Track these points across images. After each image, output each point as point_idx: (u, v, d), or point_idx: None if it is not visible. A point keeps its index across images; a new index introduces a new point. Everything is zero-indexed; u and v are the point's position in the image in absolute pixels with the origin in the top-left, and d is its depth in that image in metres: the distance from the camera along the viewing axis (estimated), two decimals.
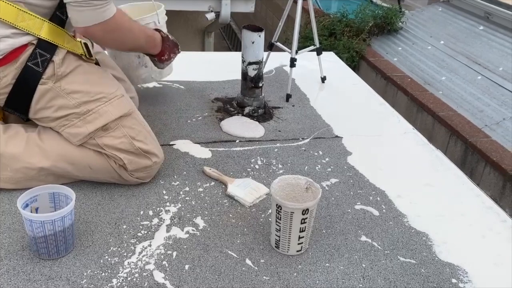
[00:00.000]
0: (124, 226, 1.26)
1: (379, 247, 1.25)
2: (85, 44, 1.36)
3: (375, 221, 1.34)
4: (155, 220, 1.29)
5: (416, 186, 1.52)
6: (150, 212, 1.31)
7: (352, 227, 1.31)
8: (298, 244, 1.18)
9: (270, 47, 2.21)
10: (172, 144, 1.65)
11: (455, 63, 4.15)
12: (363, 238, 1.27)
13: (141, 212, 1.31)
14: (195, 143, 1.67)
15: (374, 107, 2.07)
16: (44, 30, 1.25)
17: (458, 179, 1.58)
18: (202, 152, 1.61)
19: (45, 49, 1.25)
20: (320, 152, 1.67)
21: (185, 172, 1.50)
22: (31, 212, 1.14)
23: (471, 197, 1.48)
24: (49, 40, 1.25)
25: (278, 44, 2.20)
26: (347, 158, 1.64)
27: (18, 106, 1.29)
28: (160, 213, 1.31)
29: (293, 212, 1.13)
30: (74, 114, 1.28)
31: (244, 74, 1.82)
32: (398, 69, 4.22)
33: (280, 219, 1.16)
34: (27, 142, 1.31)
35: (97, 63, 1.41)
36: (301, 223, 1.15)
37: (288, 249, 1.19)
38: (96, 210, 1.31)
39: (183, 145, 1.65)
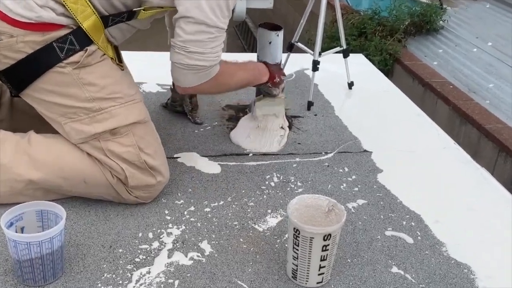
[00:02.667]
0: (120, 250, 1.26)
1: (413, 280, 1.24)
2: (116, 48, 1.41)
3: (408, 249, 1.33)
4: (155, 244, 1.29)
5: (457, 210, 1.51)
6: (150, 235, 1.32)
7: (381, 256, 1.30)
8: (319, 274, 1.18)
9: (290, 48, 2.22)
10: (177, 157, 1.66)
11: (505, 68, 4.11)
12: (394, 269, 1.26)
13: (140, 235, 1.32)
14: (203, 156, 1.68)
15: (409, 118, 2.06)
16: (89, 22, 1.30)
17: (506, 203, 1.55)
18: (210, 167, 1.62)
19: (79, 39, 1.29)
20: (346, 169, 1.66)
21: (190, 190, 1.51)
22: (16, 232, 1.15)
23: None
24: (87, 33, 1.30)
25: (299, 44, 2.21)
26: (377, 176, 1.64)
27: (15, 78, 1.31)
28: (161, 236, 1.32)
29: (313, 238, 1.13)
30: (84, 109, 1.30)
31: None
32: (438, 74, 4.20)
33: (298, 246, 1.15)
34: (16, 150, 1.33)
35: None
36: (323, 251, 1.15)
37: (307, 281, 1.18)
38: (89, 231, 1.32)
39: (189, 158, 1.66)
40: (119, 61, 1.41)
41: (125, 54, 1.51)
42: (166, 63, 1.40)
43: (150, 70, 2.17)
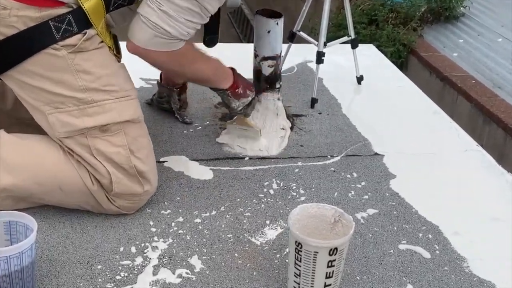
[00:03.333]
0: (99, 267, 1.26)
1: None
2: (114, 37, 1.42)
3: (425, 265, 1.33)
4: (139, 260, 1.29)
5: (480, 220, 1.51)
6: (133, 249, 1.32)
7: (395, 272, 1.30)
8: None
9: (291, 37, 2.22)
10: (163, 161, 1.66)
11: None
12: (410, 287, 1.26)
13: (121, 249, 1.32)
14: (193, 160, 1.68)
15: (426, 116, 2.07)
16: (91, 3, 1.30)
17: None
18: (201, 172, 1.62)
19: (78, 21, 1.29)
20: (355, 174, 1.66)
21: (178, 198, 1.51)
22: None
23: None
24: (88, 15, 1.30)
25: (302, 34, 2.21)
26: (389, 182, 1.64)
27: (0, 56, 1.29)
28: (146, 251, 1.32)
29: (318, 252, 1.13)
30: (75, 99, 1.31)
31: (257, 72, 1.83)
32: (458, 67, 4.21)
33: (300, 261, 1.15)
34: None
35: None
36: (328, 267, 1.14)
37: None
38: (64, 245, 1.32)
39: (177, 162, 1.66)
40: (117, 51, 1.42)
41: None
42: None
43: (132, 62, 2.17)
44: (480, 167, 1.76)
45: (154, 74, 1.87)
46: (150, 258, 1.29)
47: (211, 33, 1.51)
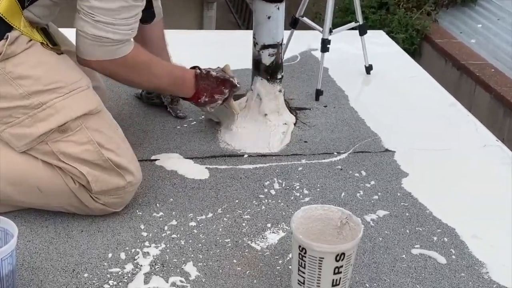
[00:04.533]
0: (86, 275, 1.26)
1: None
2: (43, 30, 1.41)
3: (440, 271, 1.33)
4: (129, 267, 1.29)
5: (500, 222, 1.51)
6: (122, 255, 1.32)
7: (407, 279, 1.30)
8: None
9: (293, 24, 2.22)
10: (155, 160, 1.66)
11: None
12: None
13: (109, 255, 1.32)
14: (187, 158, 1.68)
15: (441, 109, 2.07)
16: (3, 5, 1.30)
17: None
18: (196, 171, 1.62)
19: None
20: (363, 173, 1.67)
21: (171, 199, 1.51)
22: None
23: None
24: (4, 18, 1.29)
25: (305, 19, 2.21)
26: (401, 181, 1.64)
27: None
28: (136, 257, 1.32)
29: (323, 258, 1.13)
30: (21, 108, 1.30)
31: (257, 61, 1.83)
32: (476, 54, 4.21)
33: (304, 268, 1.15)
34: None
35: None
36: (335, 273, 1.14)
37: None
38: (47, 251, 1.32)
39: (170, 160, 1.66)
40: (52, 44, 1.41)
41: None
42: None
43: None
44: (500, 164, 1.76)
45: None
46: (141, 265, 1.29)
47: (144, 9, 1.50)
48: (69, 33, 1.63)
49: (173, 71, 1.64)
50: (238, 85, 1.68)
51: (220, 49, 2.33)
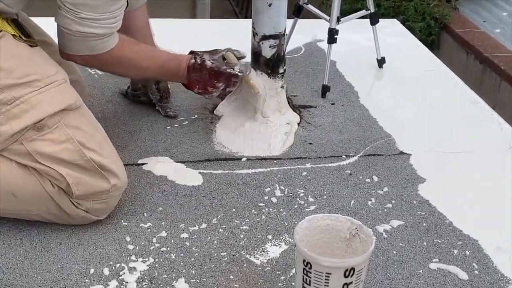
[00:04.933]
0: None
1: None
2: (14, 21, 1.41)
3: None
4: (113, 284, 1.28)
5: None
6: (106, 271, 1.31)
7: None
8: None
9: (297, 12, 2.22)
10: (142, 164, 1.66)
11: None
12: None
13: (91, 271, 1.31)
14: (178, 161, 1.68)
15: (462, 106, 2.06)
16: None
17: None
18: (188, 176, 1.62)
19: None
20: (375, 178, 1.66)
21: (160, 208, 1.50)
22: None
23: None
24: None
25: (310, 7, 2.20)
26: (417, 187, 1.64)
27: None
28: (121, 273, 1.31)
29: (330, 274, 1.12)
30: None
31: (256, 53, 1.83)
32: (502, 46, 4.20)
33: (309, 284, 1.15)
34: None
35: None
36: None
37: None
38: (22, 266, 1.31)
39: (159, 165, 1.66)
40: (25, 36, 1.41)
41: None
42: None
43: None
44: None
45: None
46: (127, 282, 1.29)
47: None
48: (43, 22, 1.63)
49: (165, 63, 1.67)
50: (239, 74, 1.69)
51: (215, 40, 2.31)
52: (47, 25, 1.58)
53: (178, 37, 2.26)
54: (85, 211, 1.39)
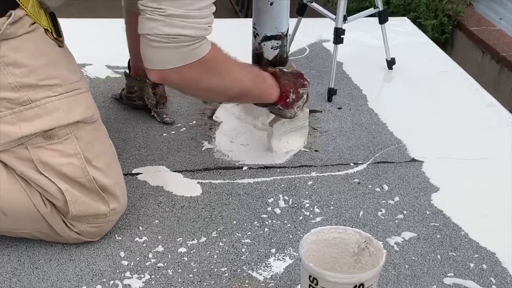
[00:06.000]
0: None
1: None
2: (52, 15, 1.41)
3: None
4: None
5: None
6: None
7: None
8: None
9: (301, 10, 2.23)
10: (136, 174, 1.67)
11: None
12: None
13: None
14: (175, 171, 1.69)
15: (477, 110, 2.07)
16: None
17: None
18: (186, 187, 1.62)
19: None
20: (386, 187, 1.67)
21: (157, 221, 1.51)
22: None
23: None
24: None
25: (315, 5, 2.21)
26: (431, 196, 1.64)
27: None
28: None
29: None
30: (6, 101, 1.30)
31: (258, 55, 1.83)
32: None
33: None
34: None
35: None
36: None
37: None
38: (9, 284, 1.31)
39: (155, 174, 1.67)
40: (57, 34, 1.41)
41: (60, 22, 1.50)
42: (120, 35, 1.40)
43: (97, 45, 2.17)
44: None
45: (123, 60, 1.88)
46: None
47: None
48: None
49: (250, 69, 1.63)
50: (308, 80, 1.71)
51: (214, 41, 2.33)
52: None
53: None
54: (77, 233, 1.39)
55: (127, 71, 1.91)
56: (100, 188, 1.37)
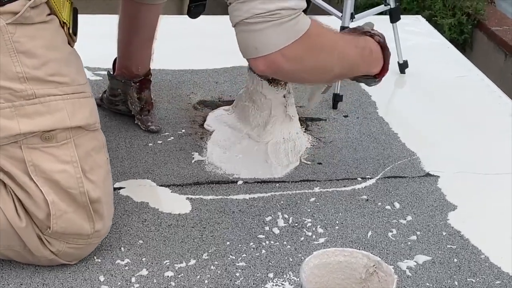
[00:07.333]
0: None
1: None
2: (75, 10, 1.43)
3: None
4: None
5: None
6: None
7: None
8: None
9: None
10: (119, 188, 1.66)
11: None
12: None
13: None
14: (161, 185, 1.69)
15: (500, 119, 2.07)
16: None
17: None
18: (173, 203, 1.62)
19: None
20: (397, 205, 1.66)
21: (141, 241, 1.50)
22: None
23: None
24: None
25: (319, 2, 2.21)
26: (447, 216, 1.64)
27: None
28: None
29: None
30: (9, 91, 1.31)
31: None
32: None
33: None
34: None
35: None
36: None
37: None
38: None
39: (139, 189, 1.67)
40: (73, 32, 1.43)
41: None
42: (102, 33, 1.40)
43: (75, 45, 2.16)
44: None
45: (105, 61, 1.88)
46: None
47: None
48: None
49: (355, 40, 1.63)
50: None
51: (207, 40, 2.34)
52: None
53: (163, 36, 2.25)
54: (53, 253, 1.38)
55: (111, 72, 1.90)
56: (91, 202, 1.37)
